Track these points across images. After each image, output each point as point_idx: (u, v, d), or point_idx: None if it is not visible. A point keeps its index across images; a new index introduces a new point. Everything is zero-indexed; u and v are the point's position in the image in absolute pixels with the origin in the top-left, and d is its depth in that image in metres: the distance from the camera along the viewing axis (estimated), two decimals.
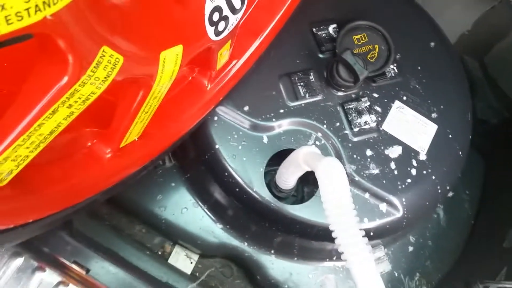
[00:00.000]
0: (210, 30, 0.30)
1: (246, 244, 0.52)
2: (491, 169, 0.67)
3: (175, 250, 0.54)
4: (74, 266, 0.33)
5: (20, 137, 0.18)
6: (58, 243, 0.36)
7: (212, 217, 0.52)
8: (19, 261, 0.30)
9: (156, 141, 0.37)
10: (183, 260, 0.54)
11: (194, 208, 0.52)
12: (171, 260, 0.53)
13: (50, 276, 0.30)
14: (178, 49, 0.28)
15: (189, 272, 0.54)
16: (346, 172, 0.47)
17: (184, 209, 0.52)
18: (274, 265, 0.52)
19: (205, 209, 0.52)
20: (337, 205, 0.33)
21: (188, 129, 0.41)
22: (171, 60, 0.28)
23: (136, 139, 0.34)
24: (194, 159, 0.51)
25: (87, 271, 0.34)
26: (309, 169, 0.39)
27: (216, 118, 0.46)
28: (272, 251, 0.52)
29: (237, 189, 0.46)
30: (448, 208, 0.60)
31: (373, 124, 0.49)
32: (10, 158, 0.20)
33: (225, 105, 0.46)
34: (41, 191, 0.25)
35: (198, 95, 0.40)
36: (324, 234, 0.49)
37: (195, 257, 0.55)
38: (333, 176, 0.33)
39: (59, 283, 0.30)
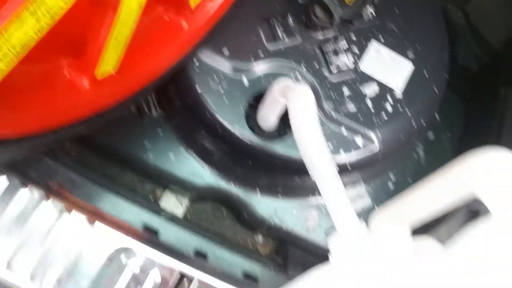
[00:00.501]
0: None
1: (232, 185, 0.55)
2: (471, 112, 0.69)
3: (165, 194, 0.57)
4: (57, 186, 0.36)
5: None
6: (43, 166, 0.38)
7: (200, 161, 0.54)
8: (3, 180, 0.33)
9: (134, 77, 0.39)
10: (174, 203, 0.57)
11: (181, 153, 0.54)
12: (162, 204, 0.56)
13: (33, 192, 0.33)
14: None
15: (180, 216, 0.57)
16: (324, 111, 0.50)
17: (172, 155, 0.54)
18: (260, 203, 0.55)
19: (193, 154, 0.54)
20: (306, 130, 0.35)
21: (166, 68, 0.42)
22: None
23: (114, 73, 0.36)
24: (179, 106, 0.53)
25: (70, 191, 0.37)
26: (286, 101, 0.41)
27: (197, 63, 0.48)
28: (258, 190, 0.55)
29: (220, 131, 0.48)
30: (428, 148, 0.63)
31: (351, 64, 0.51)
32: None
33: (205, 49, 0.48)
34: (21, 109, 0.27)
35: (175, 34, 0.41)
36: (303, 168, 0.52)
37: (186, 201, 0.57)
38: (301, 101, 0.35)
39: (42, 198, 0.33)
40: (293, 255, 0.56)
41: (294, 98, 0.35)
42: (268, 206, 0.55)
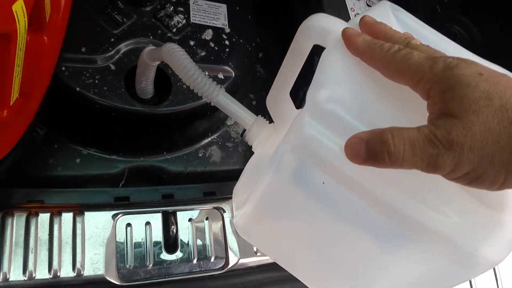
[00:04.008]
0: None
1: (142, 158, 0.62)
2: (276, 28, 0.87)
3: None
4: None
5: None
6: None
7: (104, 153, 0.60)
8: None
9: (32, 95, 0.43)
10: None
11: (85, 154, 0.59)
12: None
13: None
14: (21, 3, 0.35)
15: None
16: None
17: (78, 159, 0.58)
18: (170, 161, 0.64)
19: (94, 150, 0.59)
20: (186, 66, 0.45)
21: (49, 80, 0.47)
22: (20, 12, 0.35)
23: (19, 96, 0.40)
24: (62, 115, 0.57)
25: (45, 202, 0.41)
26: (156, 62, 0.51)
27: (63, 68, 0.53)
28: (164, 153, 0.64)
29: (114, 114, 0.55)
30: (263, 64, 0.79)
31: (184, 21, 0.62)
32: None
33: (65, 54, 0.52)
34: None
35: (40, 49, 0.46)
36: (191, 118, 0.63)
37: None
38: (174, 50, 0.45)
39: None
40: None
41: (164, 49, 0.45)
42: (178, 161, 0.64)
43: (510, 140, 0.23)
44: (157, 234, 0.44)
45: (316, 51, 0.36)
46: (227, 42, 0.65)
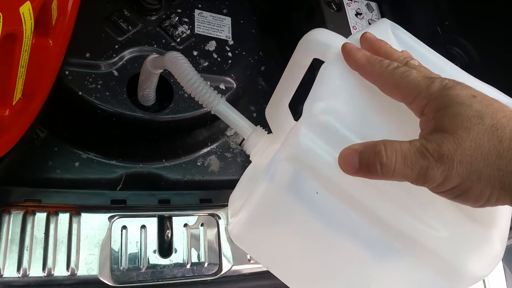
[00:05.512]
0: None
1: (141, 165, 0.63)
2: (279, 44, 0.88)
3: None
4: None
5: None
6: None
7: (103, 157, 0.60)
8: None
9: (34, 96, 0.44)
10: None
11: (84, 158, 0.59)
12: None
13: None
14: (28, 5, 0.36)
15: None
16: None
17: (77, 163, 0.59)
18: (169, 169, 0.64)
19: (94, 154, 0.60)
20: (188, 74, 0.45)
21: (52, 83, 0.48)
22: (27, 14, 0.36)
23: (21, 97, 0.41)
24: (64, 118, 0.58)
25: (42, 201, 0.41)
26: (159, 70, 0.52)
27: (67, 72, 0.54)
28: (164, 160, 0.64)
29: (114, 119, 0.56)
30: (265, 77, 0.80)
31: (188, 32, 0.64)
32: None
33: (69, 58, 0.54)
34: None
35: (45, 52, 0.47)
36: (191, 124, 0.63)
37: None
38: (176, 58, 0.45)
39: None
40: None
41: (166, 57, 0.46)
42: (176, 168, 0.65)
43: (498, 158, 0.24)
44: (152, 238, 0.44)
45: (318, 65, 0.37)
46: (230, 54, 0.66)
